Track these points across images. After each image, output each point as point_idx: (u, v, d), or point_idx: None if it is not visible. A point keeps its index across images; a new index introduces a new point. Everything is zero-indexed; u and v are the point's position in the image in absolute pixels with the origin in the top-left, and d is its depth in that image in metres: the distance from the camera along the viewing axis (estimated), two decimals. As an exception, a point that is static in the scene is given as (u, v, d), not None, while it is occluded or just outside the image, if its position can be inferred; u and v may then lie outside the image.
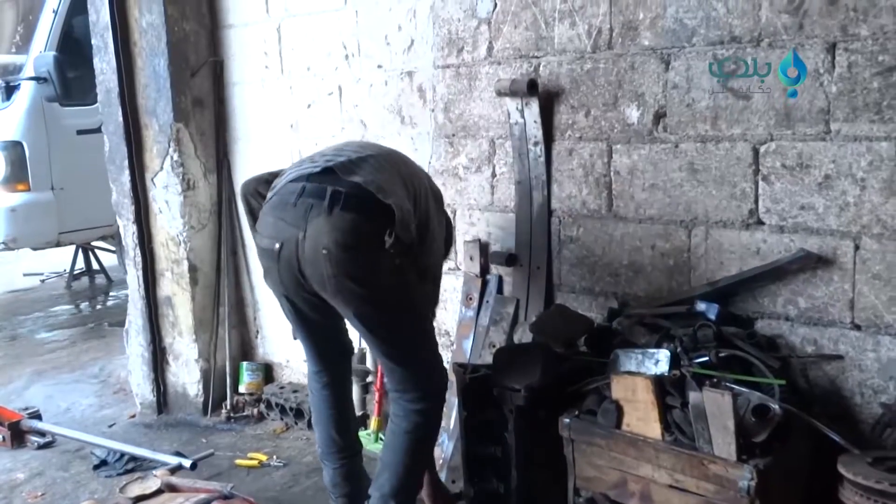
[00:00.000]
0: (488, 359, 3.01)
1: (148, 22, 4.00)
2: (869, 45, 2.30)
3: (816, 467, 2.32)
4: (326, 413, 2.87)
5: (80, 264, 8.06)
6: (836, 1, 2.34)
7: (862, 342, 2.44)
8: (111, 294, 7.63)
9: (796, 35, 2.41)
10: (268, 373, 4.37)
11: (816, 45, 2.38)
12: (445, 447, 3.22)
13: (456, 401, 2.92)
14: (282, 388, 4.16)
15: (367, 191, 2.41)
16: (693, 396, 2.24)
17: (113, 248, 7.54)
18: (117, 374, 5.05)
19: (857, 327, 2.45)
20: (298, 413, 3.94)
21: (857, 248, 2.41)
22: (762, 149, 2.54)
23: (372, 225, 2.42)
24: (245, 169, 4.20)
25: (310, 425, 3.87)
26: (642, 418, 2.37)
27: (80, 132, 6.49)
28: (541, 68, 3.02)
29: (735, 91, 2.56)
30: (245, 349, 4.45)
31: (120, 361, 5.15)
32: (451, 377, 2.79)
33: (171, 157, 4.07)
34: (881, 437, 2.38)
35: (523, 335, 3.04)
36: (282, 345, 4.28)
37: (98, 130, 6.12)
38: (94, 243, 7.71)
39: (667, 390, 2.37)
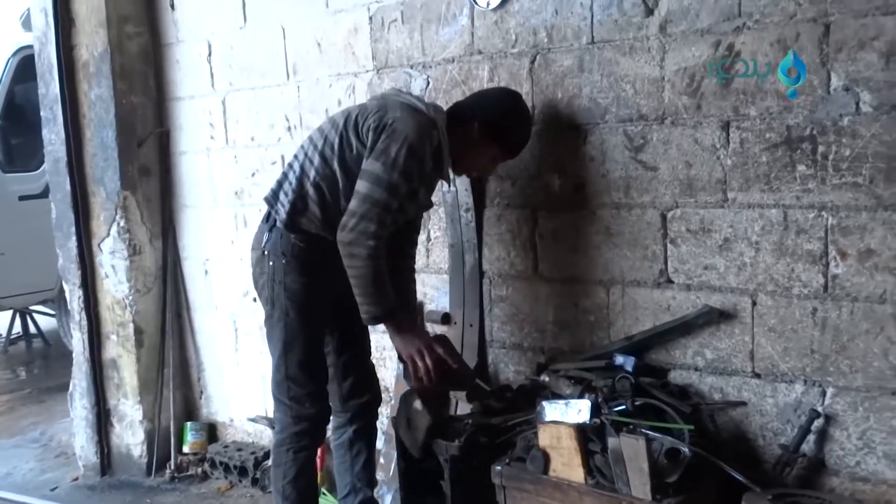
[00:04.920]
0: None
1: (97, 95, 4.17)
2: (757, 124, 2.59)
3: (724, 504, 2.54)
4: None
5: (17, 329, 8.01)
6: (727, 85, 2.63)
7: (762, 389, 2.69)
8: (49, 358, 7.59)
9: (695, 114, 2.70)
10: (212, 432, 4.45)
11: (713, 123, 2.67)
12: (384, 498, 3.36)
13: (395, 453, 3.08)
14: (226, 446, 4.25)
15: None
16: (612, 442, 2.44)
17: (52, 312, 7.53)
18: (58, 438, 5.08)
19: (758, 375, 2.69)
20: (242, 471, 4.03)
21: (754, 303, 2.67)
22: (669, 215, 2.81)
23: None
24: (191, 234, 4.36)
25: (254, 483, 3.99)
26: (567, 464, 2.56)
27: (21, 198, 6.55)
28: (471, 141, 3.26)
29: (644, 163, 2.83)
30: (189, 409, 4.54)
31: (61, 425, 5.19)
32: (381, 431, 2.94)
33: (118, 224, 4.21)
34: (781, 475, 2.59)
35: (458, 389, 3.22)
36: (226, 404, 4.40)
37: (40, 196, 6.27)
38: (32, 307, 7.68)
39: (588, 437, 2.56)
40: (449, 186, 3.11)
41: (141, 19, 4.27)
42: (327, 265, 2.72)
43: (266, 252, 2.80)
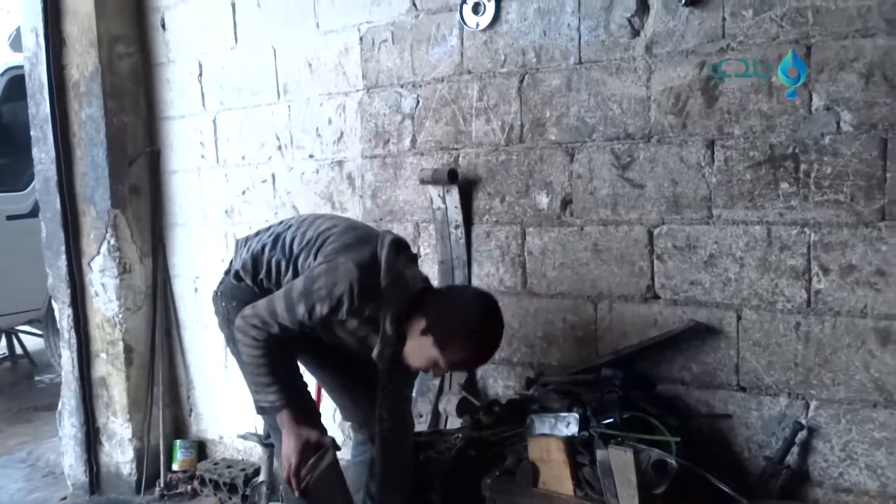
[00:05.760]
0: (416, 428, 3.21)
1: (87, 115, 4.19)
2: (741, 143, 2.66)
3: (711, 515, 2.58)
4: None
5: (3, 349, 7.96)
6: (712, 104, 2.70)
7: (747, 402, 2.74)
8: (36, 378, 7.54)
9: (681, 133, 2.76)
10: (201, 450, 4.46)
11: (698, 142, 2.74)
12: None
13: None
14: (215, 464, 4.25)
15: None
16: (600, 454, 2.49)
17: (39, 332, 7.49)
18: (46, 458, 5.05)
19: (743, 389, 2.75)
20: (232, 488, 4.03)
21: (739, 318, 2.73)
22: (656, 231, 2.86)
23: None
24: (181, 252, 4.39)
25: (244, 500, 4.00)
26: (556, 476, 2.60)
27: (9, 217, 6.54)
28: (460, 159, 3.31)
29: (631, 180, 2.89)
30: (178, 427, 4.54)
31: (49, 445, 5.16)
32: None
33: (109, 242, 4.22)
34: (766, 486, 2.65)
35: (448, 404, 3.25)
36: (215, 422, 4.40)
37: (28, 216, 6.26)
38: (19, 327, 7.64)
39: (577, 450, 2.60)
40: (380, 364, 2.65)
41: (132, 39, 4.31)
42: None
43: (220, 293, 2.84)
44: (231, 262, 2.88)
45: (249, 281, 2.74)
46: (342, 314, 2.45)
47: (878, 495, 2.54)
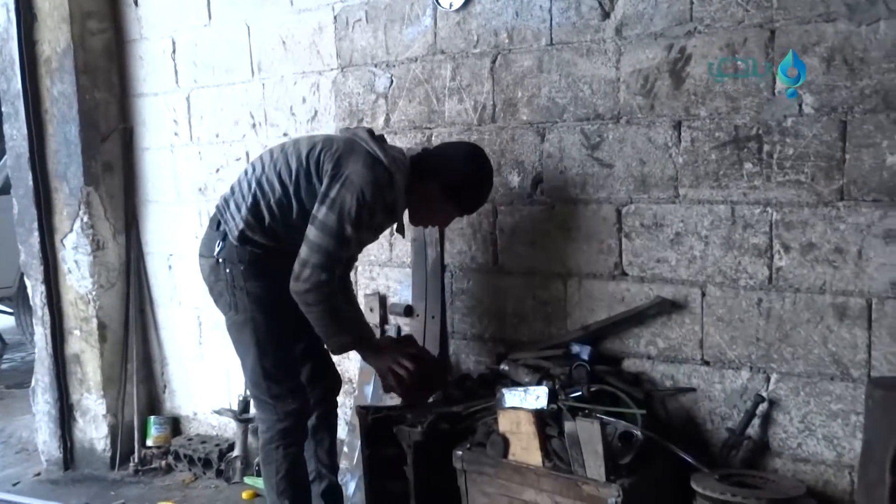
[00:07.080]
0: (388, 402, 3.28)
1: (59, 91, 4.18)
2: (707, 124, 2.72)
3: (674, 485, 2.65)
4: None
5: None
6: (679, 86, 2.76)
7: (710, 376, 2.82)
8: (6, 357, 7.50)
9: (649, 114, 2.82)
10: (175, 426, 4.49)
11: (665, 123, 2.80)
12: (348, 485, 3.44)
13: (358, 442, 3.16)
14: (190, 439, 4.30)
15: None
16: (568, 426, 2.55)
17: (10, 311, 7.45)
18: (19, 435, 5.06)
19: (706, 363, 2.83)
20: (207, 463, 4.08)
21: (703, 294, 2.80)
22: (624, 210, 2.93)
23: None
24: (155, 229, 4.40)
25: (218, 475, 4.04)
26: (525, 448, 2.66)
27: (-23, 196, 6.48)
28: (433, 138, 3.35)
29: (600, 160, 2.95)
30: (153, 403, 4.57)
31: (21, 422, 5.17)
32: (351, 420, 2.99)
33: (82, 219, 4.23)
34: (728, 457, 2.74)
35: (420, 379, 3.31)
36: (189, 398, 4.44)
37: (-1, 193, 6.20)
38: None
39: (546, 422, 2.66)
40: (403, 236, 3.14)
41: (104, 15, 4.30)
42: (283, 268, 2.75)
43: (221, 260, 2.84)
44: (222, 228, 2.87)
45: (259, 236, 2.80)
46: (378, 213, 2.74)
47: (834, 465, 2.64)
